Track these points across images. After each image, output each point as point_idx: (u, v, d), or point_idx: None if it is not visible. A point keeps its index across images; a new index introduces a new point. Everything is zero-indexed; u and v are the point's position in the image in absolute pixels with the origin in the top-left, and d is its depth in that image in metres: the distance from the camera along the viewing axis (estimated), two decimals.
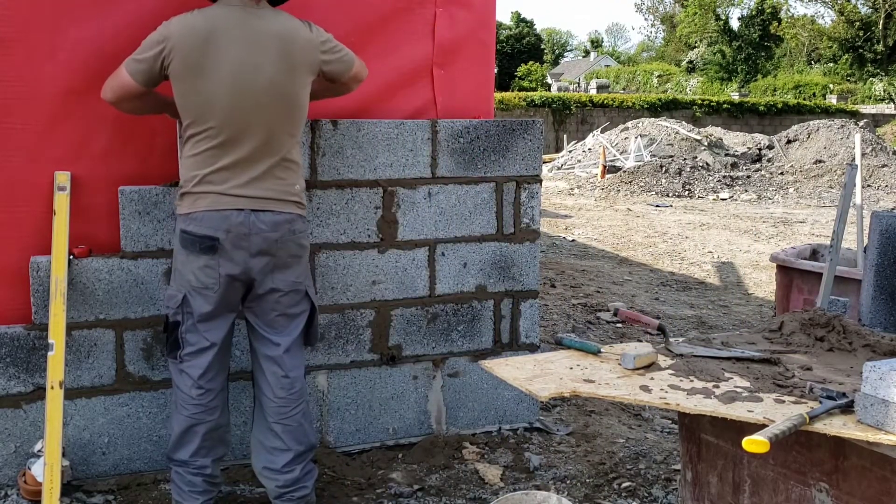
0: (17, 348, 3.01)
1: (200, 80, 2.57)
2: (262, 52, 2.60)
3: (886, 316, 2.61)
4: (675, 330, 5.82)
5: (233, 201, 2.60)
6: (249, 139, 2.61)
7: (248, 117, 2.59)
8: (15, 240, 3.02)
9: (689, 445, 2.36)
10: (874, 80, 40.48)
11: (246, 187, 2.61)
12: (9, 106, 2.96)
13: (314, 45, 2.71)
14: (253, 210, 2.61)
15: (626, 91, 42.11)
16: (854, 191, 4.08)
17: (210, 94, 2.58)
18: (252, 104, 2.59)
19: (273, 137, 2.64)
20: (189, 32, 2.58)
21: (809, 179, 16.25)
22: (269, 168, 2.64)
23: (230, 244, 2.61)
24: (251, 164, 2.62)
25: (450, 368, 3.61)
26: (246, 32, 2.60)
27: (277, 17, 2.68)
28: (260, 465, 2.82)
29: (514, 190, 3.61)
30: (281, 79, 2.63)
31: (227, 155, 2.61)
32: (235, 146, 2.60)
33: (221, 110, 2.58)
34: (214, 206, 2.60)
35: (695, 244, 9.75)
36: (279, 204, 2.66)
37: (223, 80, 2.57)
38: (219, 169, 2.61)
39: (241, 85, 2.58)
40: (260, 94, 2.60)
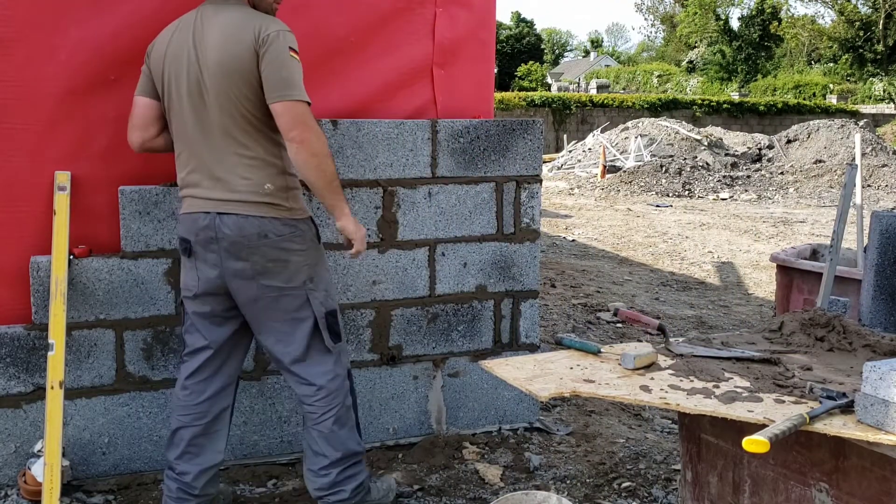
0: (17, 348, 3.01)
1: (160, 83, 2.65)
2: (204, 51, 2.52)
3: (886, 316, 2.61)
4: (676, 330, 5.82)
5: (201, 204, 2.57)
6: (205, 139, 2.56)
7: (199, 117, 2.55)
8: (15, 240, 3.02)
9: (689, 445, 2.36)
10: (874, 80, 40.48)
11: (211, 189, 2.56)
12: (9, 106, 2.96)
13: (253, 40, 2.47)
14: (218, 213, 2.54)
15: (626, 91, 42.11)
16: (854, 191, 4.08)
17: (167, 97, 2.63)
18: (199, 104, 2.54)
19: (227, 136, 2.53)
20: (162, 39, 2.65)
21: (809, 179, 16.26)
22: (230, 167, 2.54)
23: (200, 247, 2.59)
24: (212, 164, 2.56)
25: (450, 368, 3.61)
26: (195, 32, 2.56)
27: (237, 13, 2.54)
28: (304, 466, 2.81)
29: (514, 190, 3.61)
30: (220, 77, 2.50)
31: (191, 157, 2.60)
32: (195, 147, 2.58)
33: (176, 113, 2.60)
34: (187, 209, 2.62)
35: (695, 244, 9.75)
36: (246, 206, 2.52)
37: (170, 83, 2.59)
38: (189, 171, 2.62)
39: (184, 87, 2.56)
40: (203, 94, 2.53)
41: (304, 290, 2.63)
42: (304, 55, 3.31)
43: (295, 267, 2.60)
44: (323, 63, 3.37)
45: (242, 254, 2.54)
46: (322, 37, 3.34)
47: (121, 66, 3.07)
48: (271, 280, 2.57)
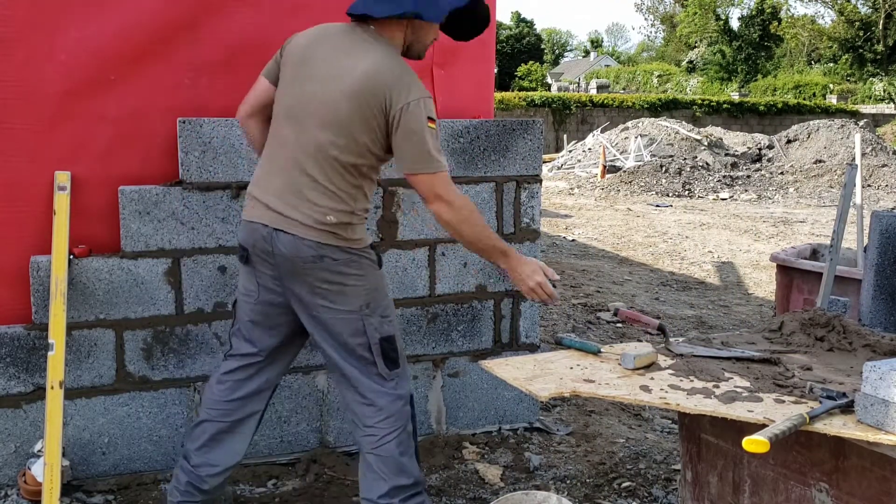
0: (17, 348, 3.01)
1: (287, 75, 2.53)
2: (337, 76, 2.42)
3: (886, 316, 2.61)
4: (675, 330, 5.82)
5: (262, 213, 2.47)
6: (296, 151, 2.44)
7: (302, 130, 2.44)
8: (15, 240, 3.02)
9: (689, 445, 2.37)
10: (874, 80, 40.49)
11: (278, 199, 2.45)
12: (9, 106, 2.96)
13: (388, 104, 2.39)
14: (275, 229, 2.44)
15: (626, 91, 42.11)
16: (854, 191, 4.08)
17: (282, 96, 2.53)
18: (307, 120, 2.44)
19: (315, 159, 2.43)
20: (303, 35, 2.56)
21: (809, 179, 16.26)
22: (304, 186, 2.43)
23: (257, 258, 2.51)
24: (291, 176, 2.45)
25: (450, 368, 3.61)
26: (336, 49, 2.46)
27: (379, 52, 2.44)
28: (361, 492, 2.62)
29: (514, 190, 3.61)
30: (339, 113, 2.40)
31: (276, 160, 2.49)
32: (284, 153, 2.47)
33: (283, 115, 2.49)
34: (249, 215, 2.53)
35: (695, 244, 9.75)
36: (304, 229, 2.42)
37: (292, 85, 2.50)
38: (266, 172, 2.51)
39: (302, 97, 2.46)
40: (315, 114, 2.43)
41: (360, 315, 2.50)
42: None
43: (351, 291, 2.49)
44: None
45: (298, 273, 2.45)
46: None
47: (121, 66, 3.07)
48: (327, 302, 2.47)
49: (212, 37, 3.18)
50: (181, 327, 3.18)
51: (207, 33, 3.17)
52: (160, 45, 3.12)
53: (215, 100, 3.20)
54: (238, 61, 3.19)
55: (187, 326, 3.18)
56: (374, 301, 2.54)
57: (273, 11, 3.24)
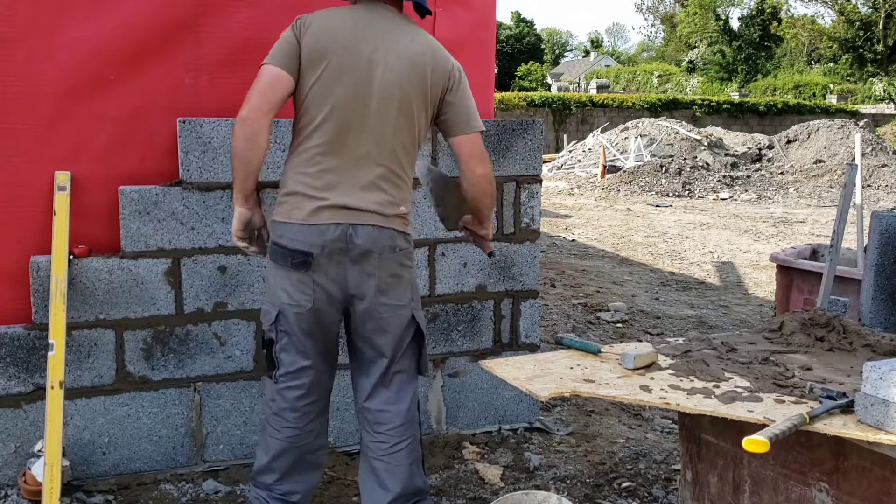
0: (17, 348, 3.01)
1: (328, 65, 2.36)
2: (400, 62, 2.39)
3: (886, 316, 2.61)
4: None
5: (332, 213, 2.35)
6: (360, 142, 2.38)
7: (361, 122, 2.37)
8: (15, 240, 3.02)
9: (689, 445, 2.37)
10: (874, 80, 40.49)
11: (348, 196, 2.36)
12: (9, 106, 2.96)
13: (446, 72, 2.46)
14: (351, 224, 2.35)
15: (626, 91, 42.12)
16: (854, 191, 4.08)
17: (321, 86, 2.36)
18: (365, 110, 2.37)
19: (389, 150, 2.40)
20: (328, 19, 2.40)
21: (809, 179, 16.26)
22: (379, 179, 2.39)
23: (325, 259, 2.36)
24: (361, 171, 2.38)
25: (450, 368, 3.61)
26: (389, 37, 2.40)
27: (417, 30, 2.48)
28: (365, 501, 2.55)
29: (514, 190, 3.61)
30: (403, 94, 2.39)
31: (332, 157, 2.37)
32: (346, 150, 2.37)
33: (332, 108, 2.36)
34: (313, 218, 2.36)
35: (695, 244, 9.75)
36: (381, 219, 2.38)
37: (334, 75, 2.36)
38: (320, 173, 2.37)
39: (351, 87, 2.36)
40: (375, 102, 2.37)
41: (410, 308, 2.49)
42: None
43: (405, 284, 2.48)
44: None
45: (370, 267, 2.38)
46: None
47: (121, 65, 3.07)
48: (387, 298, 2.42)
49: (212, 36, 3.18)
50: (181, 327, 3.18)
51: (207, 33, 3.17)
52: (160, 45, 3.12)
53: (215, 100, 3.20)
54: (238, 61, 3.19)
55: (187, 326, 3.18)
56: (416, 295, 2.54)
57: (273, 11, 3.24)
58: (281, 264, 2.40)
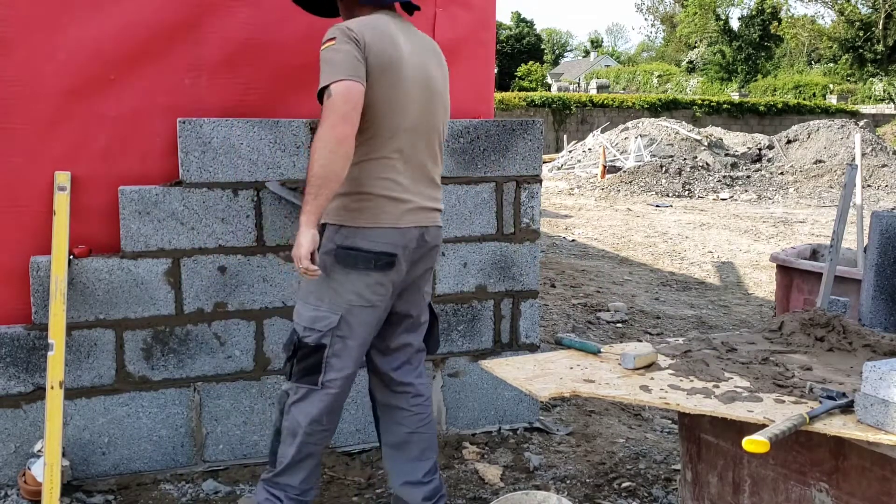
0: (17, 348, 3.01)
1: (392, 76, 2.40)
2: (431, 61, 2.59)
3: (886, 316, 2.61)
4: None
5: (414, 216, 2.49)
6: (428, 148, 2.54)
7: (427, 127, 2.52)
8: (15, 240, 3.02)
9: (689, 445, 2.37)
10: (874, 80, 40.50)
11: (423, 199, 2.53)
12: (9, 106, 2.96)
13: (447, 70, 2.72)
14: (426, 226, 2.55)
15: (626, 91, 42.12)
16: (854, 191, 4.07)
17: (402, 92, 2.43)
18: (429, 114, 2.53)
19: (439, 150, 2.62)
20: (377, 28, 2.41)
21: (809, 179, 16.26)
22: (437, 179, 2.62)
23: (405, 260, 2.51)
24: (429, 175, 2.57)
25: (450, 368, 3.61)
26: (412, 39, 2.54)
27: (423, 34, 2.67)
28: (400, 481, 2.68)
29: (514, 190, 3.61)
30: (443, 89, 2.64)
31: (408, 163, 2.47)
32: (418, 154, 2.50)
33: (406, 115, 2.44)
34: (398, 223, 2.44)
35: (695, 244, 9.75)
36: (439, 216, 2.64)
37: (405, 83, 2.43)
38: (399, 178, 2.44)
39: (419, 94, 2.48)
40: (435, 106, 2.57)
41: (428, 294, 2.75)
42: (304, 55, 3.32)
43: (432, 273, 2.75)
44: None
45: (430, 261, 2.66)
46: (322, 37, 3.34)
47: (121, 65, 3.07)
48: (427, 285, 2.71)
49: (212, 37, 3.18)
50: (181, 327, 3.18)
51: (207, 33, 3.17)
52: (160, 45, 3.12)
53: (215, 100, 3.20)
54: (238, 61, 3.19)
55: (187, 326, 3.18)
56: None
57: (273, 11, 3.24)
58: (359, 268, 2.41)
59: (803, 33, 47.41)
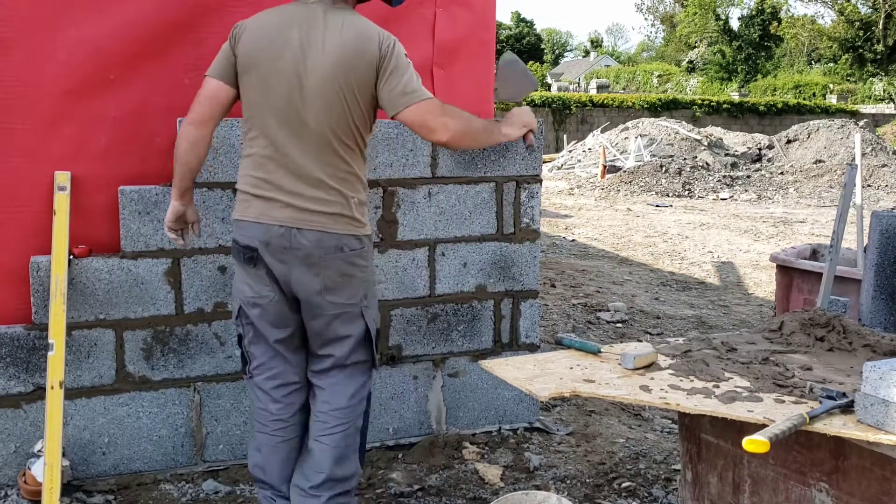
0: (17, 348, 3.01)
1: (258, 72, 2.40)
2: (321, 54, 2.37)
3: (886, 316, 2.61)
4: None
5: (277, 214, 2.40)
6: (298, 144, 2.39)
7: (297, 121, 2.38)
8: (15, 240, 3.02)
9: (689, 445, 2.36)
10: (874, 80, 40.50)
11: (291, 196, 2.40)
12: (9, 106, 2.96)
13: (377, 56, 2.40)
14: (297, 227, 2.40)
15: (626, 91, 42.11)
16: (854, 191, 4.07)
17: (253, 90, 2.42)
18: (299, 108, 2.38)
19: (326, 145, 2.40)
20: (259, 26, 2.44)
21: (809, 179, 16.25)
22: (321, 177, 2.40)
23: (269, 256, 2.42)
24: (300, 171, 2.40)
25: (450, 368, 3.61)
26: (307, 28, 2.39)
27: (353, 20, 2.43)
28: (293, 482, 2.57)
29: (514, 190, 3.61)
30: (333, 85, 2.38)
31: (273, 159, 2.41)
32: (283, 150, 2.40)
33: (267, 110, 2.40)
34: (257, 217, 2.43)
35: (695, 244, 9.75)
36: (327, 220, 2.41)
37: (266, 76, 2.39)
38: (267, 172, 2.42)
39: (284, 86, 2.37)
40: (306, 99, 2.37)
41: (360, 306, 2.52)
42: None
43: (357, 283, 2.49)
44: None
45: (315, 267, 2.42)
46: None
47: (121, 66, 3.07)
48: (336, 297, 2.46)
49: (212, 37, 3.17)
50: (181, 327, 3.18)
51: (207, 33, 3.17)
52: (160, 45, 3.12)
53: None
54: None
55: (187, 326, 3.18)
56: (370, 293, 2.56)
57: None
58: (237, 259, 2.50)
59: (803, 33, 47.41)
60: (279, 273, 2.44)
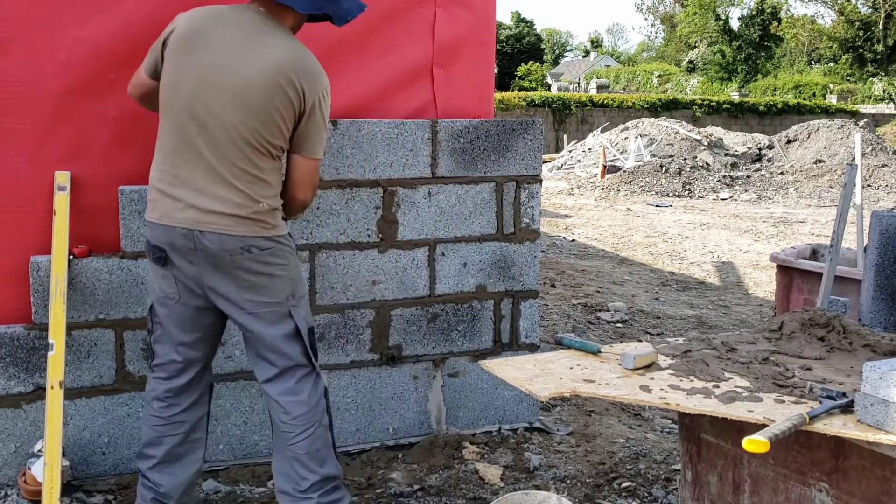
0: (17, 348, 3.01)
1: (181, 62, 2.41)
2: (252, 60, 2.37)
3: (886, 316, 2.61)
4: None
5: (180, 215, 2.40)
6: (209, 142, 2.38)
7: (210, 119, 2.37)
8: (15, 240, 3.02)
9: (689, 445, 2.36)
10: (874, 80, 40.49)
11: (197, 195, 2.39)
12: (9, 106, 2.96)
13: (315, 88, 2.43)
14: (200, 229, 2.38)
15: (626, 91, 42.12)
16: (854, 191, 4.07)
17: (173, 85, 2.41)
18: (215, 108, 2.36)
19: (236, 147, 2.38)
20: (190, 20, 2.45)
21: (809, 179, 16.25)
22: (230, 178, 2.39)
23: (177, 256, 2.44)
24: (203, 172, 2.39)
25: (450, 368, 3.61)
26: (246, 35, 2.40)
27: (281, 39, 2.44)
28: (277, 490, 2.65)
29: (514, 190, 3.61)
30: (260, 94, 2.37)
31: (182, 159, 2.41)
32: (190, 147, 2.39)
33: (183, 105, 2.39)
34: (162, 219, 2.44)
35: (695, 244, 9.75)
36: (231, 222, 2.39)
37: (184, 72, 2.40)
38: (171, 173, 2.43)
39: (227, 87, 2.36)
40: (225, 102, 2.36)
41: (287, 305, 2.51)
42: None
43: (279, 282, 2.49)
44: (322, 63, 3.35)
45: (224, 268, 2.41)
46: (321, 37, 3.34)
47: (120, 66, 3.07)
48: (256, 296, 2.46)
49: None
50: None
51: None
52: None
53: None
54: None
55: None
56: (297, 291, 2.56)
57: None
58: (149, 258, 2.55)
59: (803, 33, 47.40)
60: (190, 274, 2.46)
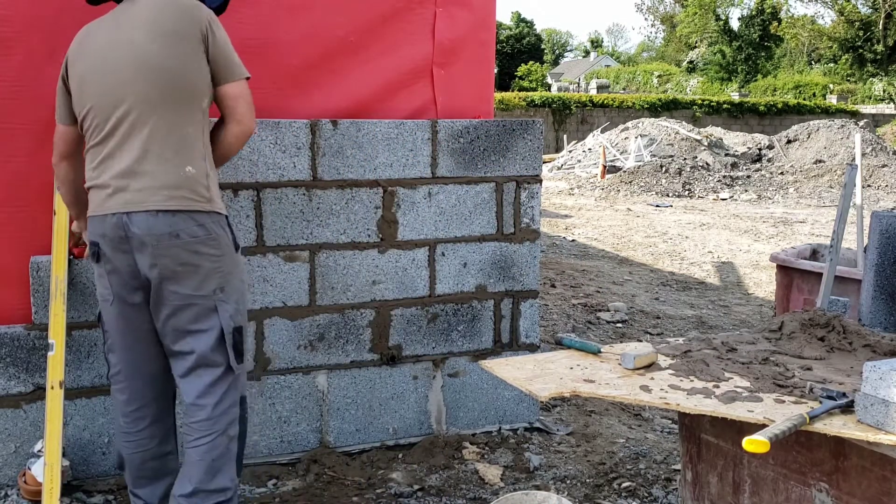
0: (17, 348, 3.01)
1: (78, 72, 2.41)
2: (131, 29, 2.34)
3: (886, 316, 2.61)
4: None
5: (109, 202, 2.34)
6: (122, 123, 2.32)
7: (119, 98, 2.32)
8: (15, 240, 3.02)
9: (689, 445, 2.37)
10: (874, 80, 40.49)
11: (122, 178, 2.32)
12: (9, 106, 2.96)
13: (198, 14, 2.35)
14: (126, 213, 2.30)
15: (626, 91, 42.12)
16: (854, 191, 4.07)
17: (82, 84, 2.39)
18: (120, 82, 2.32)
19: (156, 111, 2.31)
20: (73, 43, 2.47)
21: (809, 179, 16.25)
22: (144, 154, 2.31)
23: (109, 249, 2.36)
24: (125, 152, 2.32)
25: (450, 368, 3.61)
26: (117, 19, 2.39)
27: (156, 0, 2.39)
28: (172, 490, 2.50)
29: (514, 190, 3.61)
30: (153, 48, 2.31)
31: (102, 147, 2.37)
32: (110, 135, 2.35)
33: (91, 97, 2.37)
34: (95, 211, 2.39)
35: (695, 244, 9.75)
36: (158, 196, 2.29)
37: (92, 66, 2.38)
38: (97, 165, 2.38)
39: (107, 65, 2.34)
40: (128, 69, 2.32)
41: (214, 299, 2.37)
42: (304, 55, 3.32)
43: (206, 273, 2.35)
44: (322, 63, 3.37)
45: (148, 255, 2.31)
46: (321, 37, 3.35)
47: None
48: (178, 286, 2.33)
49: None
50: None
51: None
52: None
53: None
54: None
55: None
56: (228, 285, 2.41)
57: (273, 11, 3.24)
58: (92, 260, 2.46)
59: (803, 33, 47.41)
60: (122, 265, 2.35)
